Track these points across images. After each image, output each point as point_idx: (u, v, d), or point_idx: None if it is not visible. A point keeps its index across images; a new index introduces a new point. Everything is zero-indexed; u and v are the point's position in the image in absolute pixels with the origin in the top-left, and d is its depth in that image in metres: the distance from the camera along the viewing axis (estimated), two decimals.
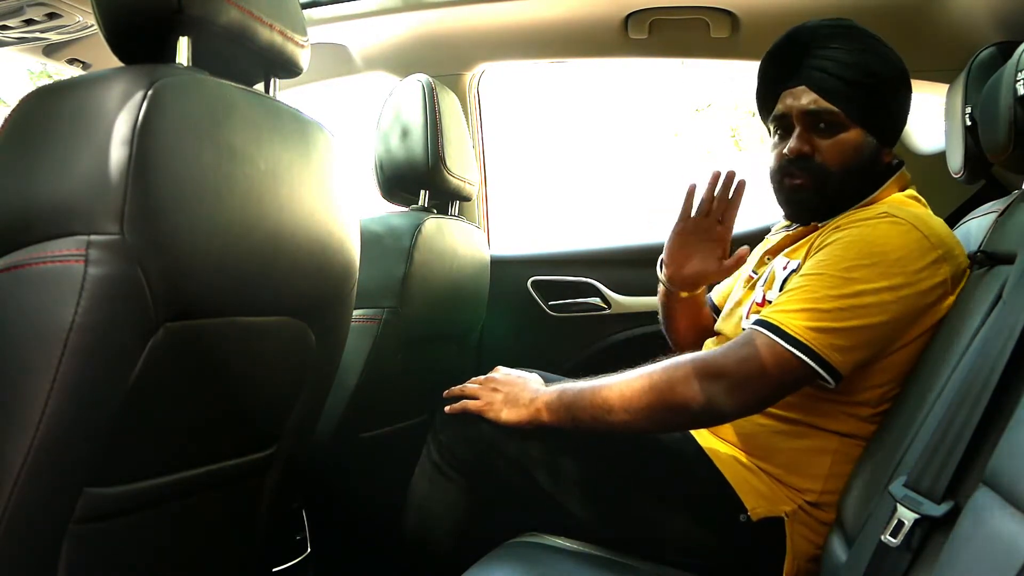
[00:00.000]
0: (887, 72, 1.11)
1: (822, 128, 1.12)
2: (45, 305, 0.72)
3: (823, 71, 1.10)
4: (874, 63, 1.10)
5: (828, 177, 1.12)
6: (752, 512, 1.06)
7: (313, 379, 1.06)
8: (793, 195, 1.16)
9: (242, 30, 0.88)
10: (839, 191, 1.13)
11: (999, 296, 0.89)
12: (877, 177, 1.14)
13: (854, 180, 1.12)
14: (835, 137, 1.11)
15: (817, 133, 1.12)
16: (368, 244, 1.17)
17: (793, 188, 1.15)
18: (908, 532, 0.70)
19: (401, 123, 1.53)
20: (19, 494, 0.74)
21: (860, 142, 1.12)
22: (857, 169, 1.12)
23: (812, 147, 1.12)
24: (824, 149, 1.12)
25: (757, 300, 1.17)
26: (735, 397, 0.99)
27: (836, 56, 1.10)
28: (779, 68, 1.15)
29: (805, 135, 1.12)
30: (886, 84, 1.11)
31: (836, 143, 1.11)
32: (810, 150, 1.12)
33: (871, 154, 1.13)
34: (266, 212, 0.87)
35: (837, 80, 1.09)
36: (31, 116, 0.76)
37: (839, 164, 1.12)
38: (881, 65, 1.11)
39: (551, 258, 1.92)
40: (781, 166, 1.15)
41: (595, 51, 1.80)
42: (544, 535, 1.09)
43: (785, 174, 1.15)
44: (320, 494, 1.39)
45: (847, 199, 1.13)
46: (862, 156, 1.12)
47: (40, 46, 1.76)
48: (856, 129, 1.11)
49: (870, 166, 1.13)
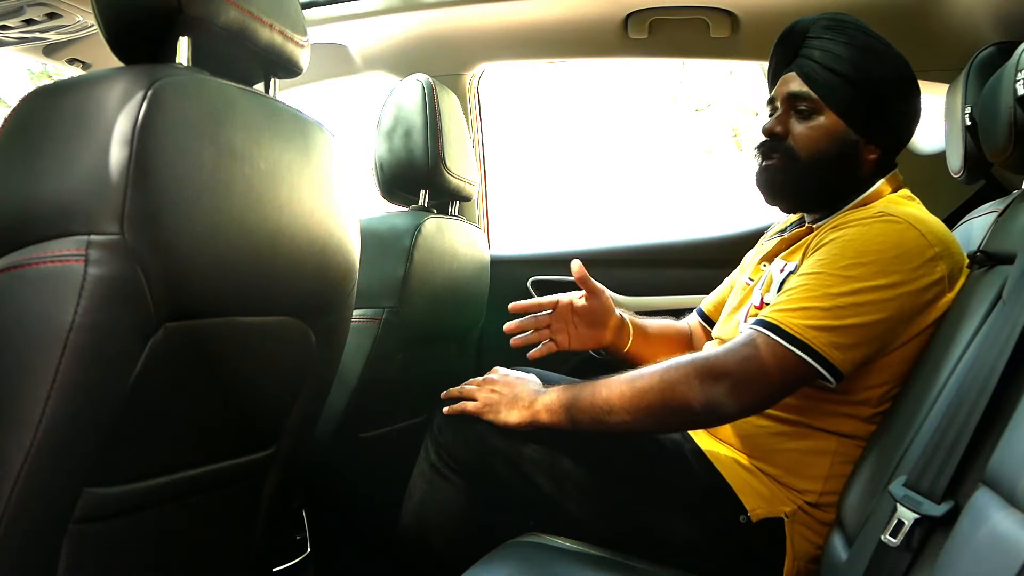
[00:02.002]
0: (880, 71, 1.11)
1: (801, 112, 1.14)
2: (45, 305, 0.72)
3: (811, 59, 1.12)
4: (865, 59, 1.10)
5: (794, 160, 1.14)
6: (752, 513, 1.06)
7: (313, 379, 1.06)
8: (762, 175, 1.19)
9: (242, 30, 0.88)
10: (807, 177, 1.14)
11: (999, 296, 0.89)
12: (858, 173, 1.14)
13: (823, 169, 1.13)
14: (810, 122, 1.14)
15: (796, 117, 1.15)
16: (368, 244, 1.17)
17: (763, 168, 1.18)
18: (908, 532, 0.70)
19: (401, 123, 1.53)
20: (19, 494, 0.74)
21: (834, 131, 1.13)
22: (827, 159, 1.13)
23: (786, 129, 1.15)
24: (797, 133, 1.15)
25: (755, 304, 1.17)
26: (736, 397, 0.99)
27: (826, 47, 1.12)
28: (779, 55, 1.18)
29: (783, 117, 1.16)
30: (877, 81, 1.11)
31: (810, 128, 1.14)
32: (783, 131, 1.15)
33: (847, 147, 1.13)
34: (266, 212, 0.87)
35: (822, 68, 1.11)
36: (31, 116, 0.76)
37: (808, 149, 1.14)
38: (874, 63, 1.11)
39: (551, 258, 1.92)
40: (758, 146, 1.19)
41: (595, 51, 1.80)
42: (544, 535, 1.09)
43: (759, 153, 1.19)
44: (320, 494, 1.39)
45: (822, 189, 1.15)
46: (834, 146, 1.13)
47: (40, 46, 1.76)
48: (832, 117, 1.12)
49: (845, 159, 1.13)
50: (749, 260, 1.33)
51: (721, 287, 1.42)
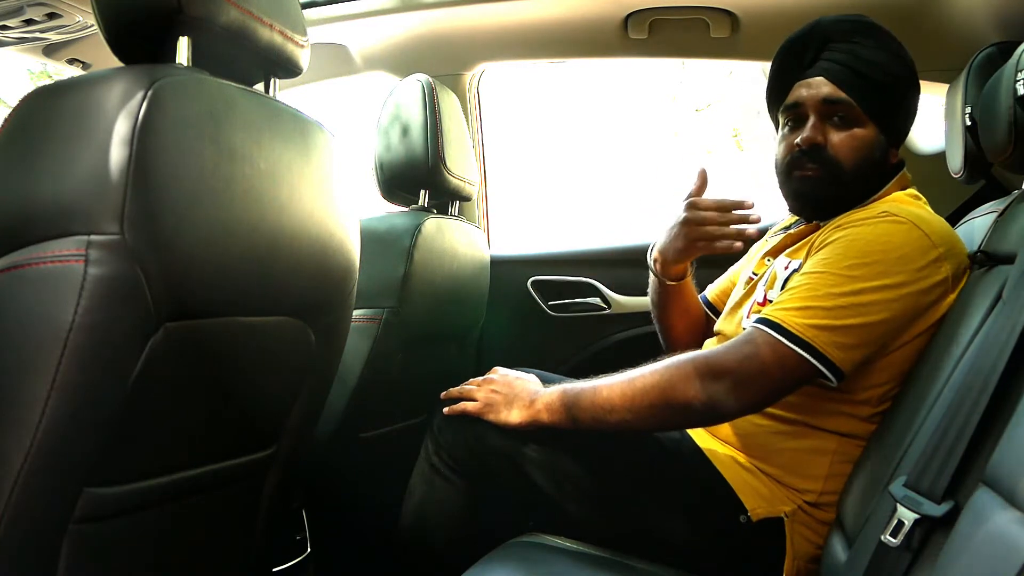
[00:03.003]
0: (901, 71, 1.11)
1: (837, 120, 1.11)
2: (45, 305, 0.72)
3: (843, 64, 1.09)
4: (891, 62, 1.10)
5: (839, 171, 1.10)
6: (752, 513, 1.06)
7: (313, 379, 1.06)
8: (801, 187, 1.13)
9: (242, 30, 0.88)
10: (847, 187, 1.11)
11: (999, 296, 0.89)
12: (883, 177, 1.14)
13: (862, 178, 1.12)
14: (850, 131, 1.10)
15: (831, 125, 1.11)
16: (368, 244, 1.17)
17: (802, 179, 1.13)
18: (908, 532, 0.70)
19: (401, 123, 1.53)
20: (19, 494, 0.74)
21: (873, 139, 1.11)
22: (867, 167, 1.11)
23: (825, 138, 1.11)
24: (837, 142, 1.10)
25: (758, 300, 1.17)
26: (737, 395, 0.99)
27: (856, 51, 1.09)
28: (796, 58, 1.14)
29: (819, 125, 1.11)
30: (900, 83, 1.11)
31: (850, 137, 1.10)
32: (823, 141, 1.11)
33: (881, 153, 1.13)
34: (266, 212, 0.87)
35: (855, 74, 1.09)
36: (31, 116, 0.76)
37: (851, 159, 1.10)
38: (897, 64, 1.10)
39: (551, 258, 1.92)
40: (793, 157, 1.13)
41: (595, 51, 1.80)
42: (544, 535, 1.09)
43: (795, 166, 1.13)
44: (320, 494, 1.39)
45: (854, 197, 1.13)
46: (873, 154, 1.12)
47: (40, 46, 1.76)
48: (870, 125, 1.11)
49: (879, 165, 1.13)
50: (754, 253, 1.33)
51: (726, 276, 1.42)
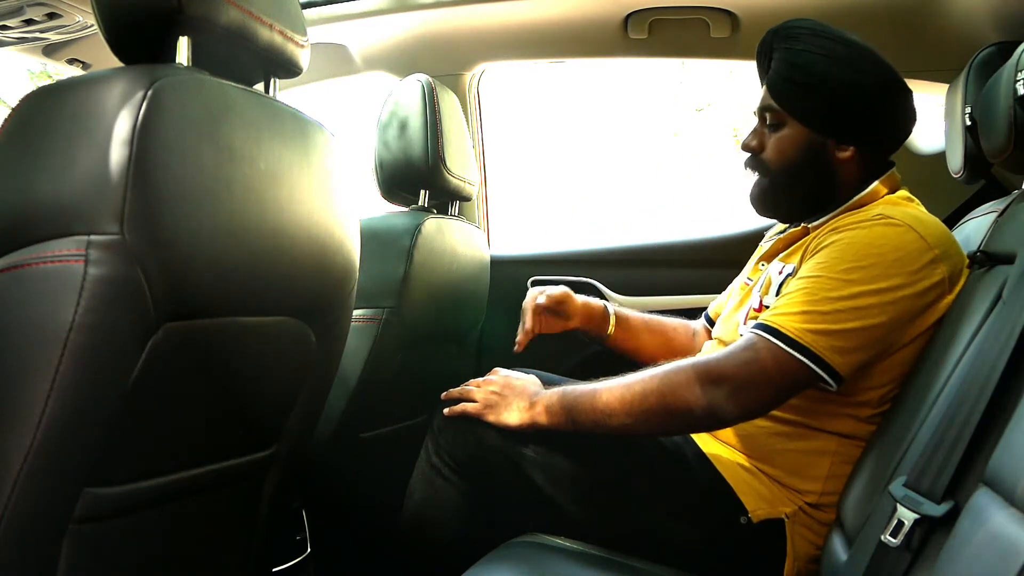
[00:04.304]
0: (842, 73, 1.09)
1: (770, 125, 1.16)
2: (45, 305, 0.72)
3: (774, 70, 1.13)
4: (818, 62, 1.09)
5: (768, 173, 1.16)
6: (753, 514, 1.06)
7: (313, 379, 1.06)
8: (750, 191, 1.20)
9: (242, 30, 0.88)
10: (779, 188, 1.16)
11: (999, 296, 0.89)
12: (837, 175, 1.13)
13: (794, 178, 1.15)
14: (777, 133, 1.15)
15: (768, 129, 1.17)
16: (368, 244, 1.17)
17: (751, 183, 1.20)
18: (908, 532, 0.70)
19: (401, 123, 1.53)
20: (19, 494, 0.74)
21: (799, 139, 1.13)
22: (796, 168, 1.14)
23: (761, 143, 1.17)
24: (769, 146, 1.16)
25: (754, 305, 1.17)
26: (737, 401, 0.99)
27: (783, 57, 1.12)
28: (761, 67, 1.19)
29: (758, 131, 1.17)
30: (831, 81, 1.09)
31: (777, 140, 1.15)
32: (758, 146, 1.17)
33: (814, 151, 1.13)
34: (266, 212, 0.87)
35: (781, 79, 1.12)
36: (31, 116, 0.76)
37: (776, 160, 1.15)
38: (832, 67, 1.09)
39: (551, 258, 1.92)
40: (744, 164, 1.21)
41: (595, 51, 1.80)
42: (544, 535, 1.09)
43: (745, 168, 1.21)
44: (320, 494, 1.39)
45: (797, 198, 1.16)
46: (801, 153, 1.13)
47: (40, 46, 1.76)
48: (796, 126, 1.13)
49: (816, 164, 1.13)
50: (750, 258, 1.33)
51: (726, 293, 1.41)
